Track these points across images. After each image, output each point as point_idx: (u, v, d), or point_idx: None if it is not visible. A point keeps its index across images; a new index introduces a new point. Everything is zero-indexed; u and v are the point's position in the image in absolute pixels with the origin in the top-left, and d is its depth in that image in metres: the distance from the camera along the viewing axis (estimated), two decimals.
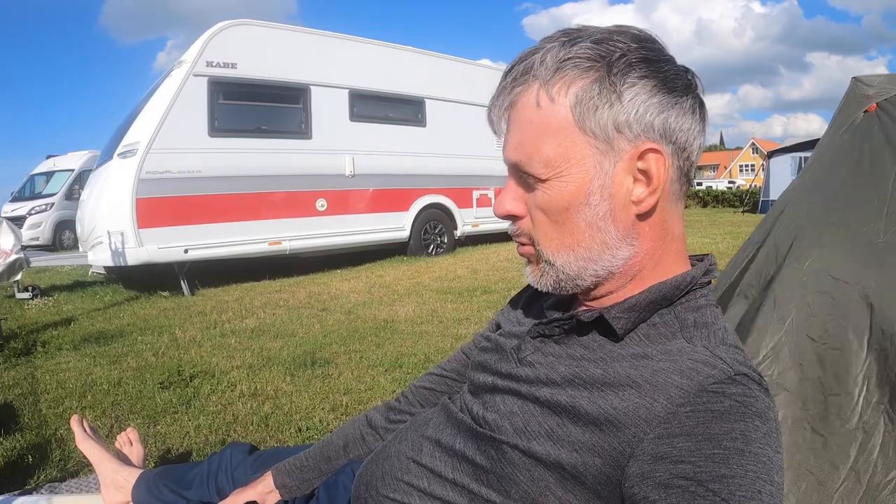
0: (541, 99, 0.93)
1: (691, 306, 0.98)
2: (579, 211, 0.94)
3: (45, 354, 5.08)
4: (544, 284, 1.03)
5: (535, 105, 0.94)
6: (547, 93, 0.93)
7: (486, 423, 1.01)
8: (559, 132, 0.92)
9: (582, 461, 0.87)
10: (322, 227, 9.76)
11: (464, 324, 5.72)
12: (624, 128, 0.91)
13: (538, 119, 0.94)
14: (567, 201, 0.94)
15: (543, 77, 0.93)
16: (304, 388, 3.93)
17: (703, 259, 1.06)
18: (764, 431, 0.80)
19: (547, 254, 0.99)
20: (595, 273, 0.97)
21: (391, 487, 1.11)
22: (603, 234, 0.95)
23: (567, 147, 0.92)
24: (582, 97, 0.91)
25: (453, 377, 1.44)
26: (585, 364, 0.94)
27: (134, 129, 8.29)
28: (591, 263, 0.97)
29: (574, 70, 0.91)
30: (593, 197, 0.93)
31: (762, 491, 0.74)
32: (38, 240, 18.08)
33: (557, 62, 0.92)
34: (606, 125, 0.91)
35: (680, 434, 0.80)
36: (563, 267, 0.98)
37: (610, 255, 0.96)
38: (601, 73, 0.90)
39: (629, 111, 0.90)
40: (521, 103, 0.96)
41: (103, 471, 1.86)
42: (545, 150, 0.94)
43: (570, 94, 0.91)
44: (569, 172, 0.93)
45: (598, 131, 0.91)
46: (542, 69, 0.93)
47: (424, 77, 11.42)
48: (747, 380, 0.85)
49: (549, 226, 0.98)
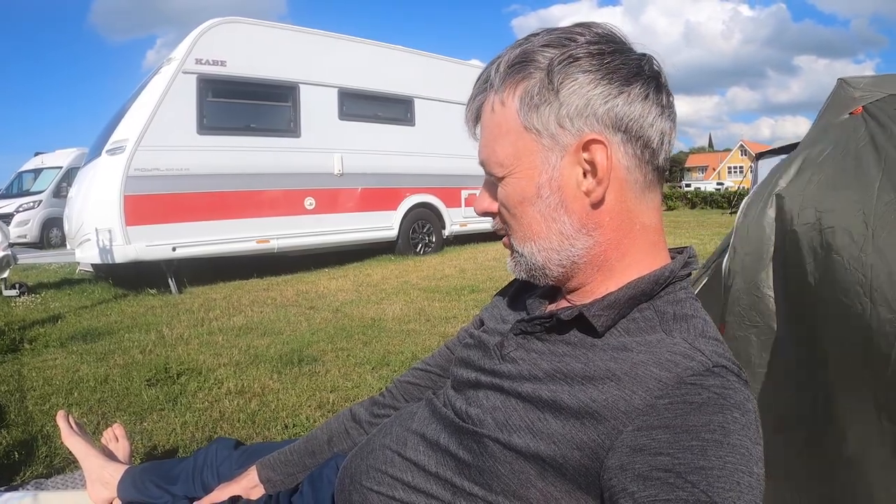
0: (495, 105, 1.02)
1: (671, 299, 0.99)
2: (533, 204, 1.00)
3: (31, 351, 5.07)
4: (518, 272, 1.09)
5: (490, 112, 1.03)
6: (499, 98, 1.01)
7: (469, 417, 1.02)
8: (509, 133, 1.00)
9: (561, 454, 0.88)
10: (310, 225, 9.75)
11: (451, 322, 5.74)
12: (566, 122, 0.95)
13: (493, 123, 1.02)
14: (520, 195, 1.01)
15: (496, 85, 1.01)
16: (291, 385, 3.94)
17: (681, 252, 1.07)
18: (742, 423, 0.80)
19: (516, 244, 1.06)
20: (559, 262, 1.02)
21: (375, 480, 1.12)
22: (558, 225, 0.99)
23: (517, 146, 0.99)
24: (524, 98, 0.97)
25: (437, 372, 1.45)
26: (567, 359, 0.96)
27: (123, 127, 8.26)
28: (553, 253, 1.01)
29: (519, 74, 0.98)
30: (543, 190, 0.98)
31: (741, 482, 0.75)
32: (25, 237, 17.93)
33: (506, 68, 0.99)
34: (548, 121, 0.96)
35: (658, 426, 0.81)
36: (528, 256, 1.04)
37: (569, 244, 1.00)
38: (539, 74, 0.96)
39: (569, 106, 0.94)
40: (483, 110, 1.05)
41: (89, 466, 1.85)
42: (499, 150, 1.02)
43: (516, 97, 0.98)
44: (520, 169, 0.99)
45: (542, 128, 0.96)
46: (496, 77, 1.01)
47: (414, 76, 11.42)
48: (726, 371, 0.86)
49: (511, 219, 1.05)
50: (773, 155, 23.83)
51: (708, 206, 32.48)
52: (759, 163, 24.81)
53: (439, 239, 11.95)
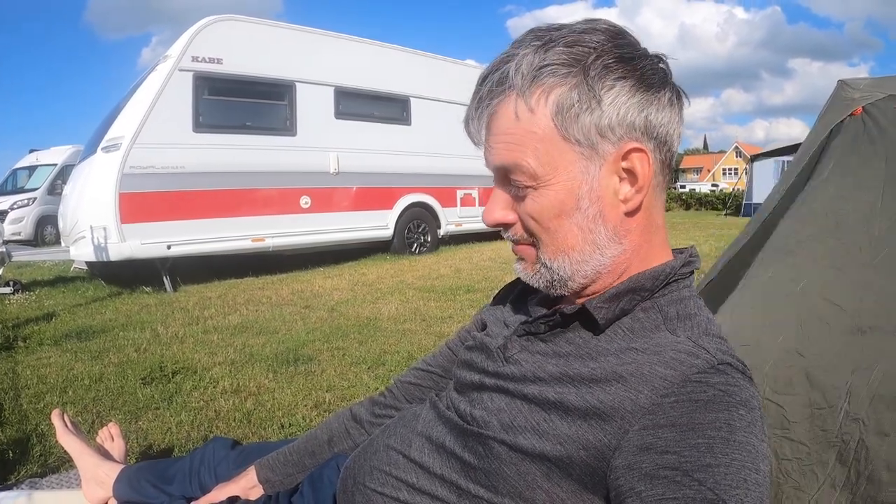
0: (520, 110, 0.93)
1: (673, 298, 0.99)
2: (571, 216, 0.95)
3: (25, 349, 5.05)
4: (536, 283, 1.04)
5: (514, 117, 0.93)
6: (525, 103, 0.92)
7: (474, 419, 1.02)
8: (542, 142, 0.92)
9: (568, 454, 0.87)
10: (305, 224, 9.74)
11: (447, 322, 5.73)
12: (606, 131, 0.91)
13: (519, 130, 0.93)
14: (558, 209, 0.95)
15: (520, 87, 0.92)
16: (287, 384, 3.93)
17: (683, 251, 1.07)
18: (748, 420, 0.80)
19: (544, 257, 1.00)
20: (585, 274, 0.98)
21: (379, 481, 1.11)
22: (593, 236, 0.96)
23: (553, 156, 0.93)
24: (562, 105, 0.91)
25: (439, 373, 1.44)
26: (572, 360, 0.95)
27: (118, 124, 8.24)
28: (583, 265, 0.98)
29: (551, 77, 0.91)
30: (583, 201, 0.94)
31: (748, 479, 0.74)
32: (19, 234, 17.89)
33: (533, 70, 0.91)
34: (589, 131, 0.91)
35: (665, 425, 0.81)
36: (557, 269, 0.99)
37: (599, 254, 0.97)
38: (578, 79, 0.90)
39: (610, 115, 0.91)
40: (500, 114, 0.95)
41: (84, 466, 1.84)
42: (530, 159, 0.93)
43: (550, 103, 0.91)
44: (557, 180, 0.93)
45: (582, 138, 0.91)
46: (518, 78, 0.92)
47: (410, 76, 11.42)
48: (731, 369, 0.86)
49: (543, 233, 0.98)
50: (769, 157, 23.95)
51: (703, 207, 32.58)
52: (755, 164, 24.92)
53: (434, 238, 11.95)
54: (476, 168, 12.15)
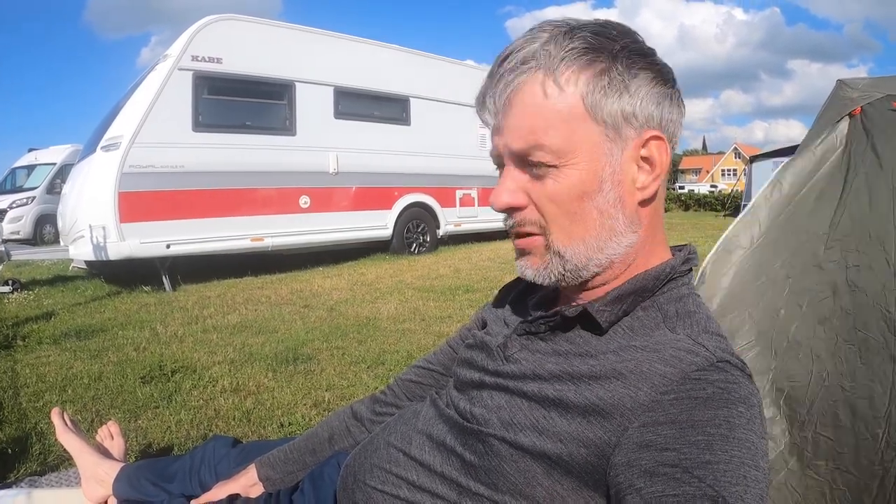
0: (548, 87, 0.93)
1: (673, 296, 1.00)
2: (593, 199, 0.95)
3: (24, 348, 5.05)
4: (546, 277, 1.01)
5: (541, 94, 0.93)
6: (554, 81, 0.92)
7: (474, 417, 1.02)
8: (569, 120, 0.93)
9: (567, 451, 0.88)
10: (305, 224, 9.74)
11: (446, 322, 5.73)
12: (630, 117, 0.93)
13: (546, 107, 0.93)
14: (581, 189, 0.94)
15: (548, 66, 0.93)
16: (287, 383, 3.93)
17: (681, 249, 1.08)
18: (747, 417, 0.81)
19: (557, 244, 0.98)
20: (598, 262, 0.98)
21: (379, 479, 1.11)
22: (612, 221, 0.96)
23: (579, 135, 0.93)
24: (593, 87, 0.92)
25: (440, 371, 1.44)
26: (572, 359, 0.96)
27: (118, 123, 8.23)
28: (597, 252, 0.97)
29: (580, 59, 0.92)
30: (605, 184, 0.95)
31: (747, 476, 0.75)
32: (18, 234, 17.87)
33: (563, 51, 0.92)
34: (616, 114, 0.93)
35: (664, 422, 0.81)
36: (571, 258, 0.98)
37: (615, 242, 0.97)
38: (606, 64, 0.92)
39: (635, 101, 0.93)
40: (525, 91, 0.94)
41: (84, 464, 1.84)
42: (555, 138, 0.93)
43: (581, 84, 0.92)
44: (580, 160, 0.93)
45: (609, 119, 0.93)
46: (546, 58, 0.93)
47: (410, 76, 11.42)
48: (730, 366, 0.86)
49: (562, 216, 0.96)
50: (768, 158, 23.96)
51: (702, 208, 32.60)
52: (753, 165, 24.92)
53: (434, 239, 11.95)
54: (475, 168, 12.28)
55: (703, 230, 16.77)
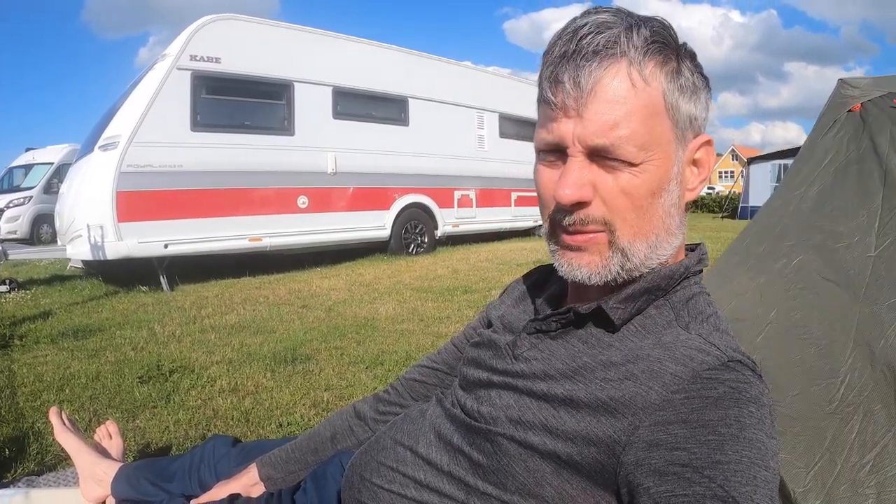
0: (634, 78, 0.89)
1: (685, 295, 0.99)
2: (661, 196, 0.94)
3: (22, 348, 5.03)
4: (604, 276, 0.96)
5: (629, 84, 0.89)
6: (640, 73, 0.89)
7: (482, 416, 1.01)
8: (654, 115, 0.91)
9: (578, 450, 0.87)
10: (303, 224, 9.73)
11: (444, 322, 5.73)
12: (694, 120, 0.95)
13: (635, 100, 0.89)
14: (656, 186, 0.92)
15: (633, 55, 0.89)
16: (285, 383, 3.92)
17: (695, 249, 1.08)
18: (758, 417, 0.80)
19: (623, 241, 0.94)
20: (650, 263, 0.97)
21: (386, 478, 1.10)
22: (670, 221, 0.96)
23: (659, 132, 0.91)
24: (672, 86, 0.92)
25: (444, 370, 1.43)
26: (582, 357, 0.95)
27: (116, 122, 8.21)
28: (655, 250, 0.96)
29: (660, 54, 0.91)
30: (672, 183, 0.94)
31: (757, 476, 0.74)
32: (15, 233, 17.88)
33: (646, 42, 0.89)
34: (686, 115, 0.93)
35: (675, 421, 0.81)
36: (633, 255, 0.95)
37: (668, 243, 0.97)
38: (677, 64, 0.92)
39: (700, 105, 0.95)
40: (612, 79, 0.89)
41: (82, 464, 1.83)
42: (641, 132, 0.90)
43: (662, 79, 0.91)
44: (658, 156, 0.92)
45: (681, 120, 0.93)
46: (631, 47, 0.89)
47: (408, 76, 11.42)
48: (741, 366, 0.86)
49: (631, 212, 0.93)
50: (765, 160, 24.02)
51: (699, 209, 32.61)
52: (751, 167, 24.97)
53: (431, 239, 11.93)
54: (473, 169, 12.30)
55: (701, 231, 16.84)
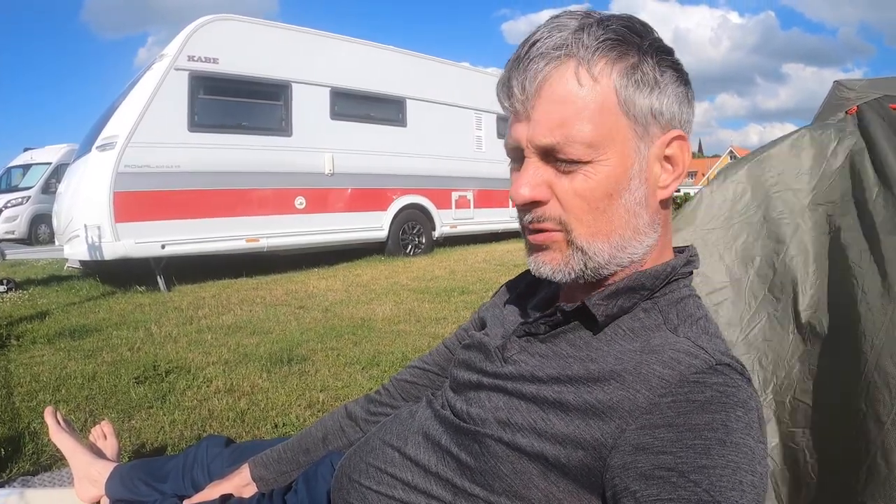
0: (582, 77, 0.90)
1: (674, 298, 0.99)
2: (621, 196, 0.93)
3: (18, 348, 5.03)
4: (567, 273, 0.98)
5: (575, 84, 0.90)
6: (588, 72, 0.90)
7: (470, 417, 1.01)
8: (603, 113, 0.90)
9: (565, 453, 0.87)
10: (300, 225, 9.72)
11: (441, 323, 5.72)
12: (658, 114, 0.93)
13: (580, 99, 0.90)
14: (612, 186, 0.92)
15: (582, 55, 0.90)
16: (281, 384, 3.92)
17: (683, 250, 1.07)
18: (745, 422, 0.80)
19: (580, 240, 0.95)
20: (620, 262, 0.97)
21: (374, 479, 1.10)
22: (636, 220, 0.95)
23: (611, 129, 0.91)
24: (626, 81, 0.90)
25: (435, 371, 1.43)
26: (571, 361, 0.95)
27: (113, 122, 8.21)
28: (620, 251, 0.96)
29: (614, 51, 0.90)
30: (634, 181, 0.93)
31: (743, 481, 0.74)
32: (13, 233, 17.84)
33: (597, 41, 0.90)
34: (646, 110, 0.92)
35: (662, 425, 0.81)
36: (595, 255, 0.95)
37: (638, 242, 0.96)
38: (638, 58, 0.91)
39: (663, 99, 0.93)
40: (557, 80, 0.91)
41: (77, 464, 1.83)
42: (588, 131, 0.90)
43: (614, 76, 0.90)
44: (611, 155, 0.91)
45: (639, 115, 0.92)
46: (579, 46, 0.90)
47: (406, 77, 11.40)
48: (729, 369, 0.85)
49: (588, 213, 0.93)
50: None
51: None
52: None
53: (429, 240, 11.92)
54: (471, 170, 12.29)
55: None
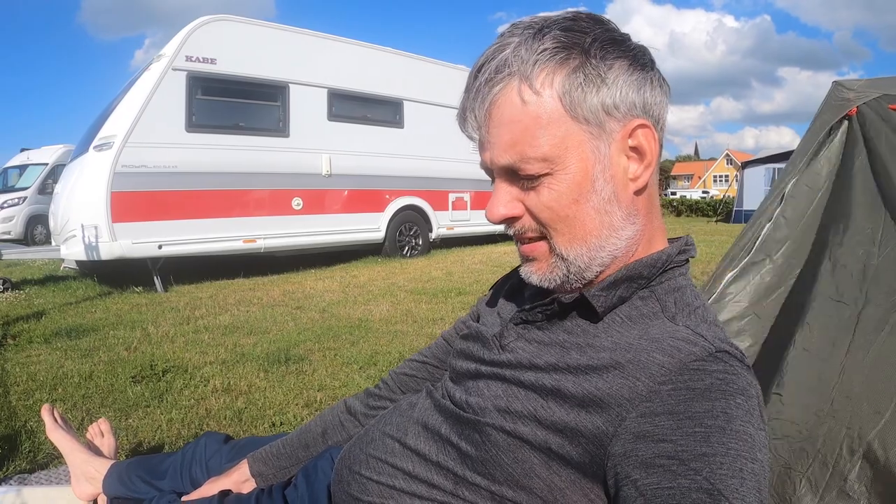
0: (524, 94, 0.91)
1: (671, 287, 1.00)
2: (588, 200, 0.94)
3: (15, 347, 5.03)
4: (552, 280, 1.00)
5: (519, 102, 0.91)
6: (531, 87, 0.90)
7: (470, 406, 1.01)
8: (551, 124, 0.91)
9: (567, 441, 0.87)
10: (297, 226, 9.71)
11: (438, 323, 5.73)
12: (612, 109, 0.92)
13: (526, 115, 0.91)
14: (576, 193, 0.93)
15: (522, 72, 0.91)
16: (278, 383, 3.93)
17: (678, 239, 1.08)
18: (746, 409, 0.80)
19: (560, 248, 0.97)
20: (602, 261, 0.97)
21: (375, 470, 1.10)
22: (609, 218, 0.95)
23: (563, 138, 0.91)
24: (569, 86, 0.90)
25: (434, 363, 1.44)
26: (569, 349, 0.95)
27: (111, 122, 8.20)
28: (599, 251, 0.96)
29: (552, 60, 0.91)
30: (598, 182, 0.94)
31: (744, 469, 0.74)
32: (9, 234, 17.82)
33: (535, 54, 0.91)
34: (597, 109, 0.91)
35: (662, 412, 0.81)
36: (575, 260, 0.97)
37: (616, 237, 0.96)
38: (580, 60, 0.91)
39: (614, 92, 0.92)
40: (503, 101, 0.92)
41: (74, 461, 1.83)
42: (541, 145, 0.91)
43: (556, 85, 0.90)
44: (570, 163, 0.92)
45: (590, 116, 0.91)
46: (519, 63, 0.91)
47: (403, 78, 11.41)
48: (729, 357, 0.86)
49: (559, 221, 0.95)
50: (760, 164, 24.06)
51: (694, 213, 32.66)
52: (745, 171, 25.02)
53: (426, 242, 11.92)
54: (468, 172, 12.26)
55: (696, 235, 16.74)
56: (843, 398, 1.77)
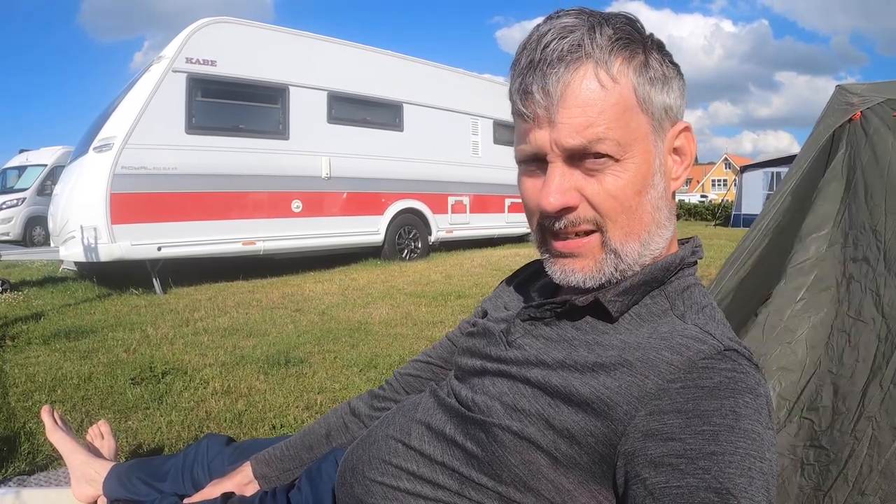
0: (602, 79, 0.90)
1: (680, 286, 0.99)
2: (647, 192, 0.94)
3: (14, 348, 5.01)
4: (598, 279, 0.97)
5: (597, 86, 0.90)
6: (607, 72, 0.90)
7: (476, 405, 1.00)
8: (626, 112, 0.91)
9: (576, 441, 0.87)
10: (296, 228, 9.71)
11: (438, 326, 5.73)
12: (669, 109, 0.95)
13: (604, 99, 0.90)
14: (641, 183, 0.93)
15: (598, 56, 0.90)
16: (278, 386, 3.92)
17: (688, 241, 1.08)
18: (754, 407, 0.80)
19: (614, 242, 0.95)
20: (644, 260, 0.97)
21: (379, 471, 1.09)
22: (658, 214, 0.96)
23: (633, 127, 0.92)
24: (641, 80, 0.92)
25: (439, 364, 1.43)
26: (578, 346, 0.95)
27: (110, 124, 8.19)
28: (647, 247, 0.97)
29: (626, 49, 0.92)
30: (656, 176, 0.95)
31: (752, 468, 0.74)
32: (8, 235, 17.81)
33: (610, 41, 0.91)
34: (660, 106, 0.94)
35: (671, 411, 0.81)
36: (626, 255, 0.95)
37: (660, 236, 0.97)
38: (644, 56, 0.93)
39: (673, 94, 0.95)
40: (579, 83, 0.90)
41: (74, 463, 1.82)
42: (616, 130, 0.90)
43: (631, 75, 0.92)
44: (637, 152, 0.93)
45: (656, 112, 0.93)
46: (595, 47, 0.90)
47: (403, 82, 11.41)
48: (737, 355, 0.86)
49: (621, 212, 0.93)
50: (758, 168, 24.12)
51: (692, 218, 32.72)
52: (744, 175, 25.08)
53: (425, 245, 11.92)
54: (468, 175, 12.30)
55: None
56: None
